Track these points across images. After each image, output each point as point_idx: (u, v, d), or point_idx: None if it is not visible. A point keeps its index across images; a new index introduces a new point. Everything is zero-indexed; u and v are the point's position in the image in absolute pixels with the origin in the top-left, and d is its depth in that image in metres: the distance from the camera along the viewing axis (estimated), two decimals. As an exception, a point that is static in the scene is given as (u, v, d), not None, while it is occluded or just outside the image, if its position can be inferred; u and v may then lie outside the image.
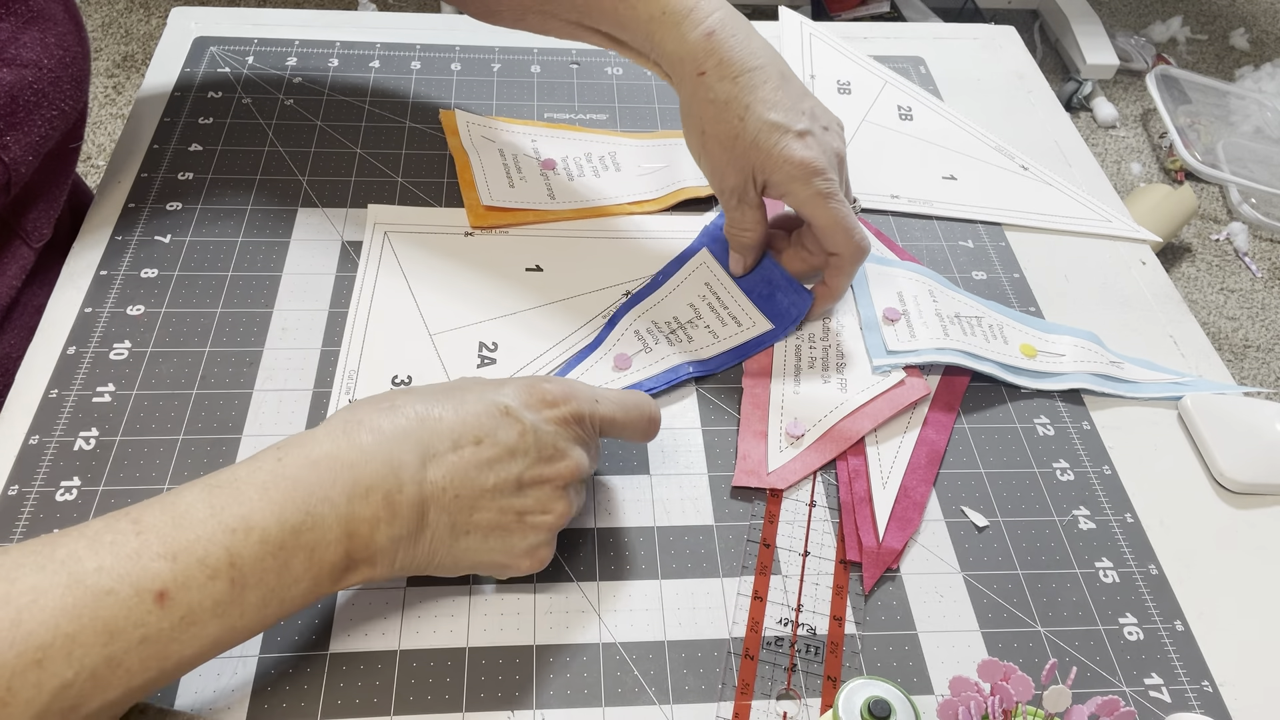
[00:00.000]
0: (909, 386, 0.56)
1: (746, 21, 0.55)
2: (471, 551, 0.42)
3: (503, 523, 0.42)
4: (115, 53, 1.97)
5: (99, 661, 0.33)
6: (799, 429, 0.54)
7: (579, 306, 0.59)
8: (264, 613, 0.37)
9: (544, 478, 0.42)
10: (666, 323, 0.58)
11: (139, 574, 0.34)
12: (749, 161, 0.53)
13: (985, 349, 0.58)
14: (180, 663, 0.36)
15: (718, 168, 0.55)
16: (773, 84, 0.53)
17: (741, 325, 0.58)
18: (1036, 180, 0.72)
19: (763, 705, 0.44)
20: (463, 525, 0.41)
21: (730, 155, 0.54)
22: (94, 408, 0.51)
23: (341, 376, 0.54)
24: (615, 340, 0.57)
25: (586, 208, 0.65)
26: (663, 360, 0.56)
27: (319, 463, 0.38)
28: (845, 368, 0.57)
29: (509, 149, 0.68)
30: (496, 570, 0.44)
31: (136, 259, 0.59)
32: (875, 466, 0.53)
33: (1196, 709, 0.45)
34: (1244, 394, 0.58)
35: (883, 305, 0.60)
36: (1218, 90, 2.10)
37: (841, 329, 0.59)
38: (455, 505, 0.40)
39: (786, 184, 0.53)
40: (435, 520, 0.40)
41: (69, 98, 0.55)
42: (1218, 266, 1.87)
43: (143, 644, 0.34)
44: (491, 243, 0.62)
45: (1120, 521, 0.52)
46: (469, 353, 0.56)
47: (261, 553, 0.36)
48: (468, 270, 0.60)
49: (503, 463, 0.41)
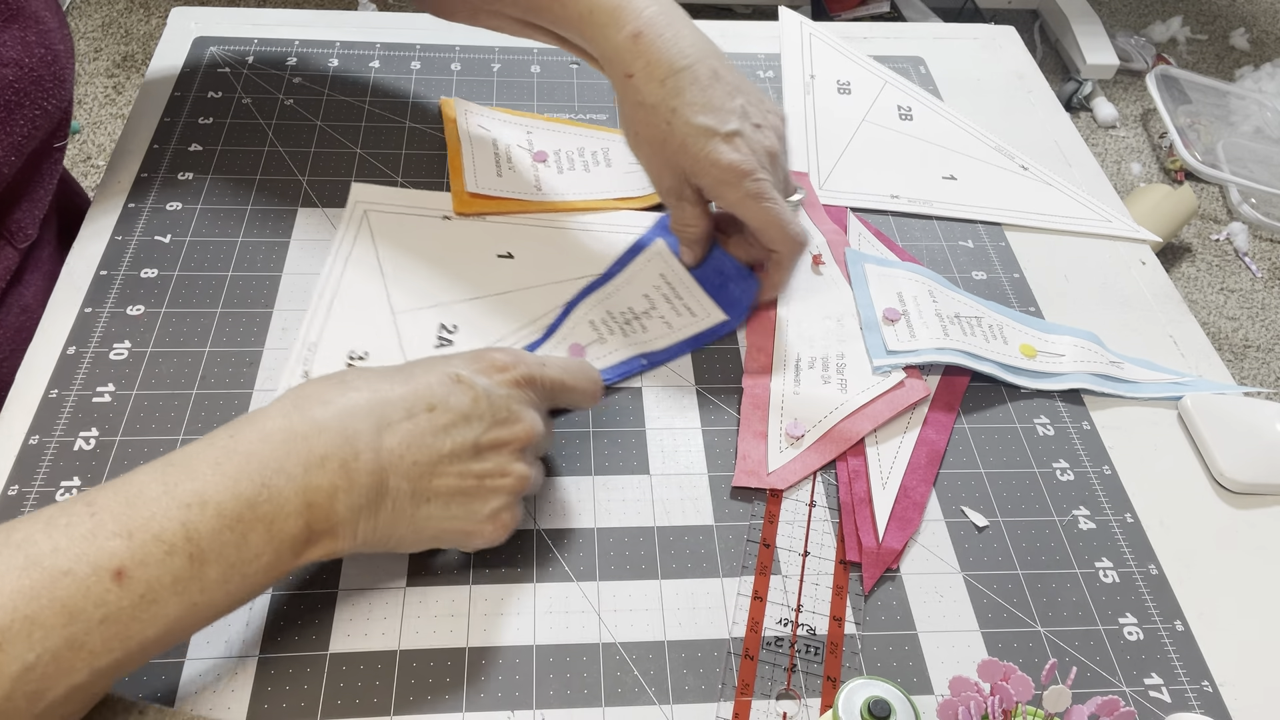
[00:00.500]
0: (909, 388, 0.56)
1: (681, 16, 0.54)
2: (434, 520, 0.42)
3: (463, 487, 0.42)
4: (115, 53, 1.97)
5: (60, 643, 0.33)
6: (799, 429, 0.54)
7: (543, 295, 0.60)
8: (226, 589, 0.37)
9: (501, 441, 0.43)
10: (621, 313, 0.58)
11: (95, 553, 0.34)
12: (680, 165, 0.54)
13: (985, 349, 0.58)
14: (145, 643, 0.36)
15: (652, 169, 0.56)
16: (701, 84, 0.52)
17: (696, 315, 0.59)
18: (1036, 180, 0.72)
19: (762, 705, 0.44)
20: (424, 492, 0.41)
21: (661, 158, 0.54)
22: (94, 408, 0.51)
23: (300, 348, 0.55)
24: (570, 329, 0.57)
25: (571, 201, 0.65)
26: (615, 352, 0.56)
27: (271, 436, 0.39)
28: (845, 368, 0.57)
29: (503, 139, 0.68)
30: (461, 539, 0.43)
31: (136, 259, 0.59)
32: (875, 467, 0.53)
33: (1196, 709, 0.45)
34: (1244, 394, 0.58)
35: (883, 305, 0.60)
36: (1218, 90, 2.10)
37: (842, 329, 0.59)
38: (414, 471, 0.40)
39: (715, 188, 0.53)
40: (395, 487, 0.40)
41: (52, 97, 0.54)
42: (1218, 266, 1.87)
43: (104, 624, 0.34)
44: (468, 227, 0.63)
45: (1120, 521, 0.52)
46: (429, 333, 0.56)
47: (218, 526, 0.36)
48: (440, 253, 0.61)
49: (458, 428, 0.41)
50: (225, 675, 0.43)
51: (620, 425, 0.54)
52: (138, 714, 0.39)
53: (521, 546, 0.48)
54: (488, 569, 0.47)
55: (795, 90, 0.76)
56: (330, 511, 0.39)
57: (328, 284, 0.58)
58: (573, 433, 0.53)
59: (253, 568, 0.37)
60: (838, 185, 0.69)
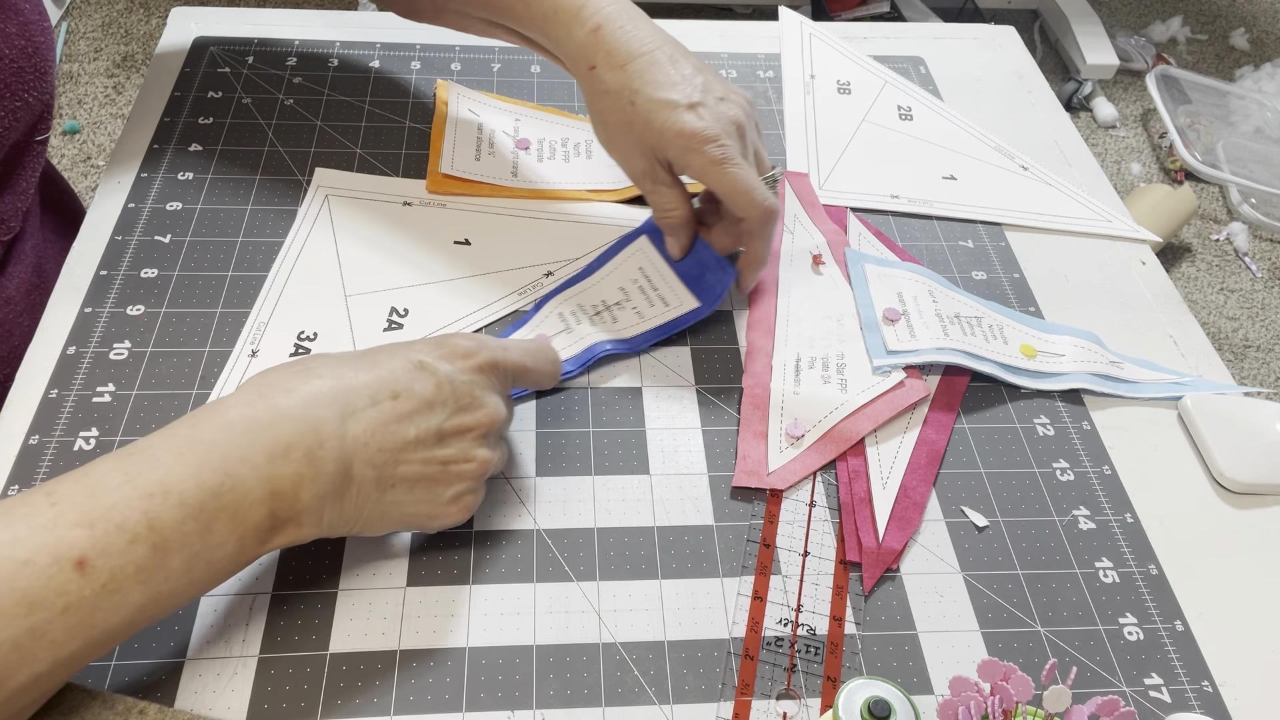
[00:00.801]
0: (909, 388, 0.56)
1: (637, 12, 0.56)
2: (398, 504, 0.42)
3: (428, 473, 0.42)
4: (115, 53, 1.97)
5: (21, 632, 0.33)
6: (799, 429, 0.54)
7: (496, 281, 0.60)
8: (190, 577, 0.37)
9: (464, 427, 0.43)
10: (593, 305, 0.59)
11: (56, 543, 0.34)
12: (647, 142, 0.54)
13: (985, 349, 0.58)
14: (108, 632, 0.36)
15: (624, 155, 0.57)
16: (661, 65, 0.53)
17: (669, 305, 0.59)
18: (1036, 180, 0.72)
19: (763, 705, 0.44)
20: (389, 478, 0.41)
21: (630, 140, 0.55)
22: (94, 408, 0.51)
23: (250, 329, 0.55)
24: (539, 322, 0.58)
25: (543, 189, 0.66)
26: (582, 340, 0.57)
27: (234, 425, 0.38)
28: (845, 368, 0.57)
29: (489, 124, 0.69)
30: (424, 522, 0.44)
31: (136, 259, 0.59)
32: (875, 466, 0.53)
33: (1196, 709, 0.45)
34: (1244, 394, 0.58)
35: (883, 305, 0.60)
36: (1218, 90, 2.10)
37: (842, 329, 0.59)
38: (379, 458, 0.41)
39: (682, 156, 0.54)
40: (361, 474, 0.40)
41: (32, 88, 0.54)
42: (1218, 266, 1.87)
43: (66, 613, 0.34)
44: (427, 214, 0.63)
45: (1120, 521, 0.52)
46: (379, 316, 0.57)
47: (181, 516, 0.36)
48: (396, 238, 0.61)
49: (422, 415, 0.42)
50: (225, 675, 0.43)
51: (620, 425, 0.54)
52: (138, 714, 0.39)
53: (521, 546, 0.48)
54: (488, 569, 0.47)
55: (795, 90, 0.76)
56: (295, 500, 0.39)
57: (282, 266, 0.59)
58: (573, 433, 0.53)
59: (217, 555, 0.37)
60: (838, 185, 0.69)
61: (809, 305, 0.60)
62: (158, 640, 0.43)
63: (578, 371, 0.56)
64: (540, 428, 0.53)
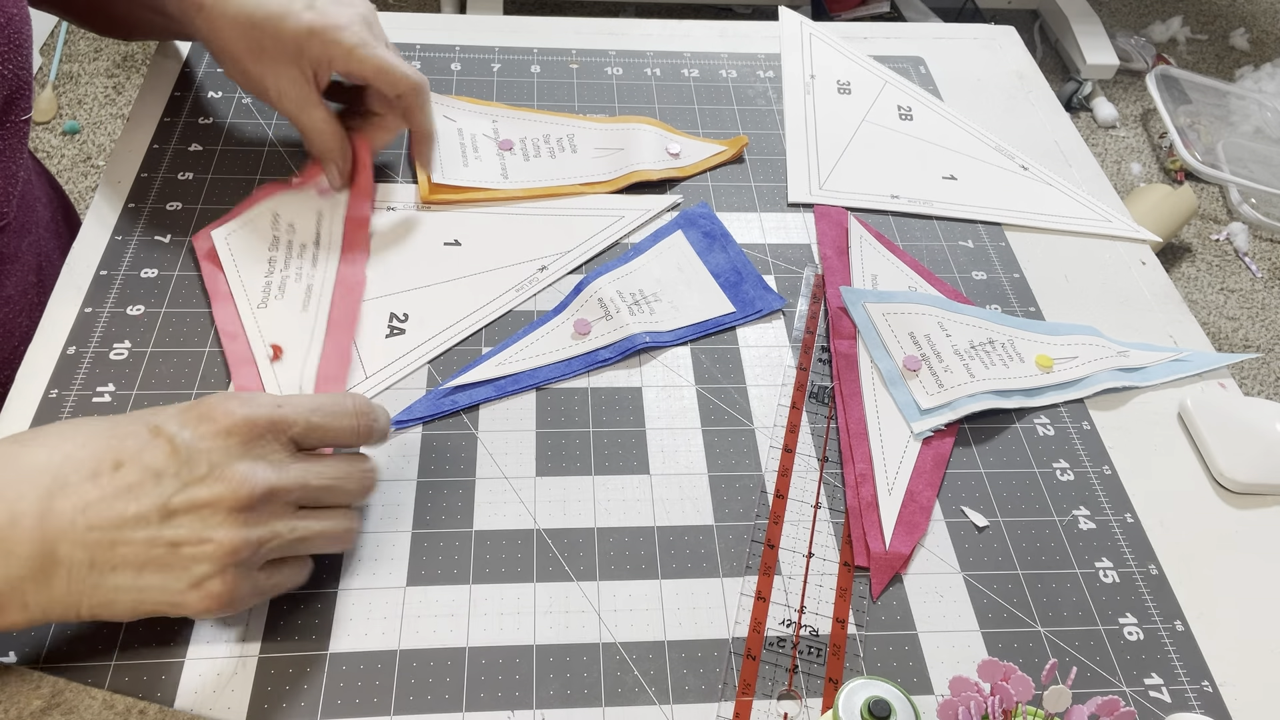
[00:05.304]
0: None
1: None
2: (128, 591, 0.37)
3: (153, 556, 0.37)
4: (115, 53, 1.97)
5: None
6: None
7: (492, 281, 0.60)
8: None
9: (198, 502, 0.38)
10: (632, 293, 0.59)
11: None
12: (281, 59, 0.55)
13: (1007, 376, 0.57)
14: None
15: (271, 82, 0.57)
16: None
17: (704, 305, 0.60)
18: (1036, 180, 0.72)
19: (763, 705, 0.44)
20: (104, 561, 0.37)
21: (265, 65, 0.55)
22: (94, 408, 0.51)
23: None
24: (579, 306, 0.58)
25: (537, 188, 0.66)
26: (622, 328, 0.57)
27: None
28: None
29: (468, 128, 0.69)
30: (170, 610, 0.39)
31: (136, 259, 0.59)
32: (881, 471, 0.53)
33: (1196, 709, 0.45)
34: (1244, 395, 0.58)
35: (900, 355, 0.58)
36: (1218, 90, 2.10)
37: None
38: (91, 538, 0.36)
39: (319, 52, 0.54)
40: (69, 556, 0.36)
41: (7, 61, 0.53)
42: (1218, 266, 1.87)
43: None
44: (415, 217, 0.63)
45: (1120, 521, 0.52)
46: (379, 322, 0.57)
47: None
48: (387, 243, 0.61)
49: (144, 488, 0.37)
50: (225, 675, 0.43)
51: (620, 425, 0.54)
52: (138, 714, 0.39)
53: (521, 546, 0.48)
54: (488, 569, 0.47)
55: (795, 90, 0.76)
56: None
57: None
58: (573, 433, 0.53)
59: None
60: (838, 185, 0.69)
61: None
62: (158, 640, 0.43)
63: (615, 359, 0.56)
64: (540, 428, 0.53)
